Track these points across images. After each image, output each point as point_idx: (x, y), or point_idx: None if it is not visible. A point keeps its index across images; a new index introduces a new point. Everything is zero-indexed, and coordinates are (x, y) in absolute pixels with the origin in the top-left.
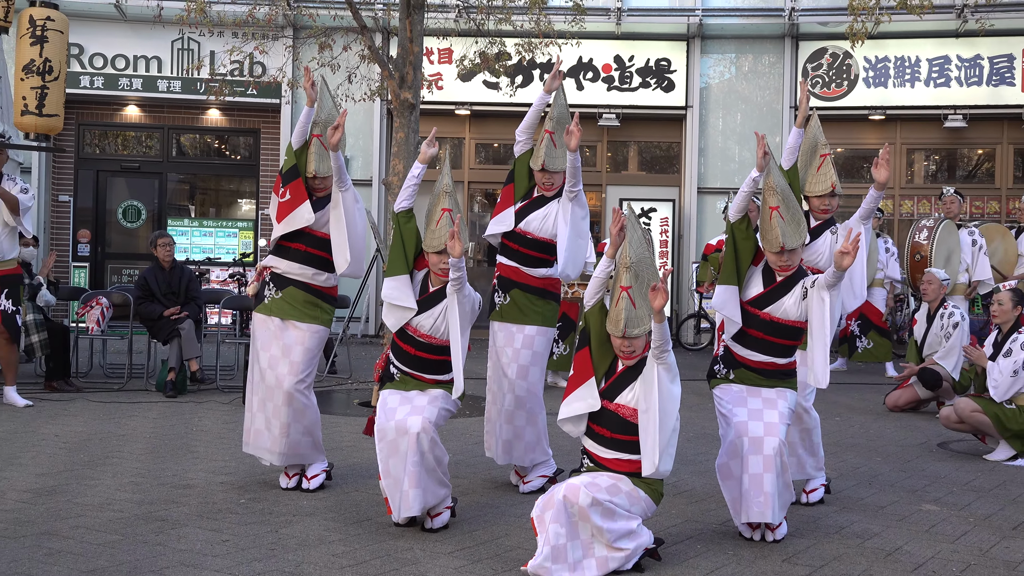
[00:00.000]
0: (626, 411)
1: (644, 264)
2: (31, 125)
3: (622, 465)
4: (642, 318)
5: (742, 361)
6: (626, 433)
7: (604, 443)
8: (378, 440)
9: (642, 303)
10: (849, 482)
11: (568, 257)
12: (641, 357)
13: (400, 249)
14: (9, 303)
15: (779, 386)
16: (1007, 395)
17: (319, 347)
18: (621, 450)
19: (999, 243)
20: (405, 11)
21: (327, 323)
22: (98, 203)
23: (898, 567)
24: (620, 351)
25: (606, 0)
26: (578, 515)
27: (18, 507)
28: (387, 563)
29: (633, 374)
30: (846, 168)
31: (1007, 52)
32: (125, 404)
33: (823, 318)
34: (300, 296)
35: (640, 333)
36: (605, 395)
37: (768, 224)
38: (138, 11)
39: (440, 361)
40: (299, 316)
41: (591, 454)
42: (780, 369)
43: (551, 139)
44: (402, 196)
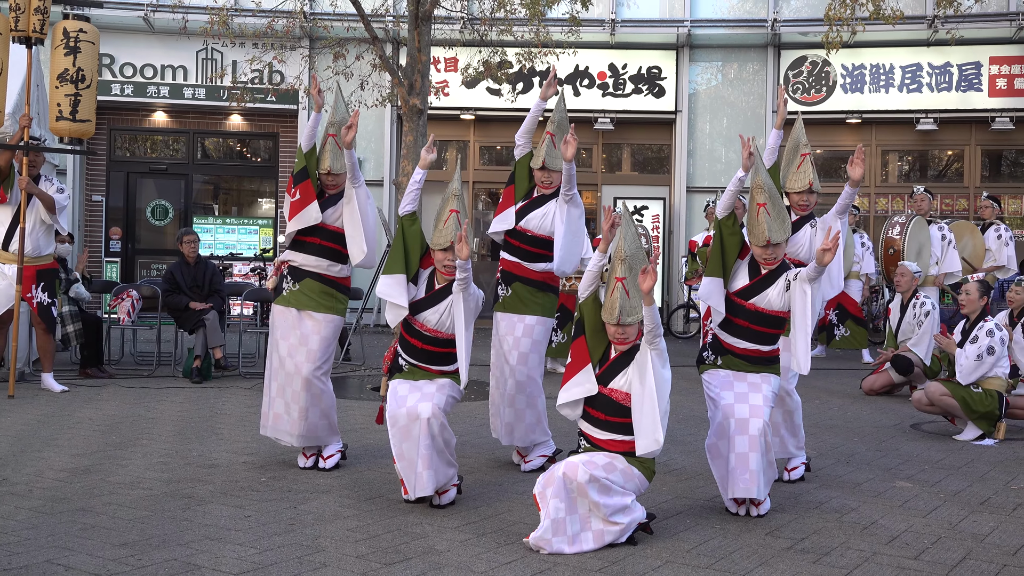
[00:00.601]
0: (619, 395)
1: (637, 258)
2: (65, 130)
3: (617, 445)
4: (635, 307)
5: (729, 348)
6: (620, 416)
7: (599, 425)
8: (391, 426)
9: (635, 293)
10: (828, 461)
11: (563, 254)
12: (633, 344)
13: (401, 250)
14: (45, 296)
15: (763, 371)
16: (971, 378)
17: (334, 335)
18: (615, 431)
19: (968, 239)
20: (414, 23)
21: (342, 312)
22: (128, 202)
23: (874, 540)
24: (614, 338)
25: (601, 12)
26: (576, 491)
27: (55, 485)
28: (398, 537)
29: (626, 360)
30: (824, 168)
31: (975, 60)
32: (154, 390)
33: (805, 309)
34: (316, 287)
35: (633, 321)
36: (600, 380)
37: (755, 220)
38: (165, 24)
39: (445, 354)
40: (315, 306)
41: (587, 436)
42: (764, 356)
43: (551, 140)
44: (406, 200)
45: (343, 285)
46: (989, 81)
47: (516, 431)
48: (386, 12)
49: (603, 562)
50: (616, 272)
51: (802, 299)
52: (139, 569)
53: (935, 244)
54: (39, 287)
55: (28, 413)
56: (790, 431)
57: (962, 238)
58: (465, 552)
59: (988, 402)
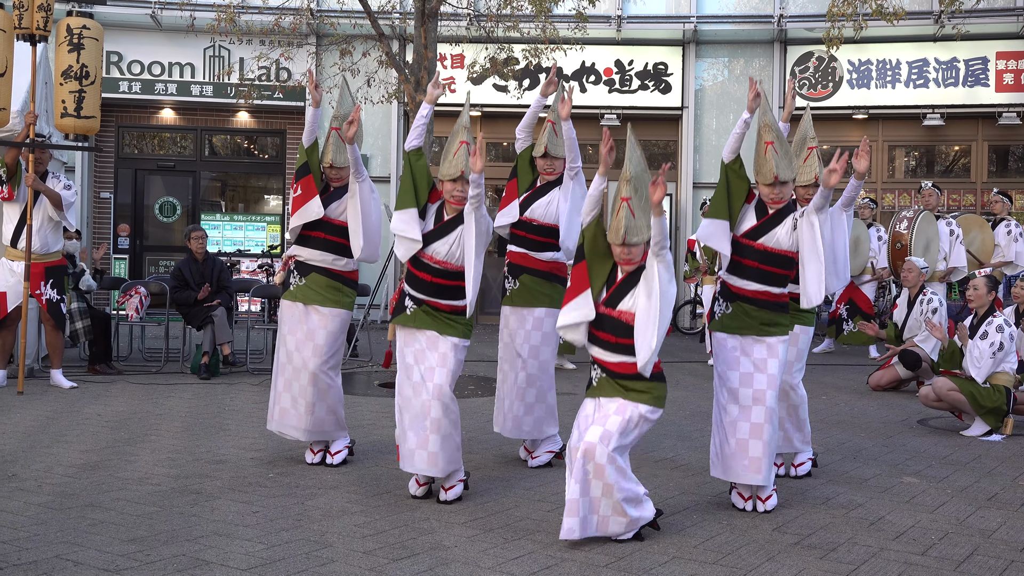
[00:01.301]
0: (627, 316)
1: (642, 180)
2: (70, 126)
3: (627, 367)
4: (641, 227)
5: (738, 292)
6: (629, 337)
7: (609, 348)
8: (397, 393)
9: (641, 214)
10: (835, 456)
11: (567, 232)
12: (639, 265)
13: (410, 184)
14: (54, 292)
15: (773, 332)
16: (988, 375)
17: (341, 330)
18: (625, 353)
19: (977, 233)
20: (420, 20)
21: (348, 306)
22: (136, 199)
23: (881, 535)
24: (620, 259)
25: (607, 8)
26: (593, 472)
27: (64, 481)
28: (405, 532)
29: (633, 281)
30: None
31: (981, 55)
32: (162, 386)
33: (814, 240)
34: (322, 281)
35: (638, 241)
36: (608, 304)
37: (763, 158)
38: (173, 21)
39: (455, 287)
40: (321, 300)
41: (598, 360)
42: (774, 300)
43: (552, 128)
44: (412, 135)
45: (350, 279)
46: (996, 76)
47: (524, 424)
48: (393, 9)
49: (610, 557)
50: (621, 192)
51: (810, 231)
52: (147, 564)
53: (943, 239)
54: (48, 284)
55: (37, 409)
56: (795, 426)
57: (970, 232)
58: (472, 547)
59: (996, 397)
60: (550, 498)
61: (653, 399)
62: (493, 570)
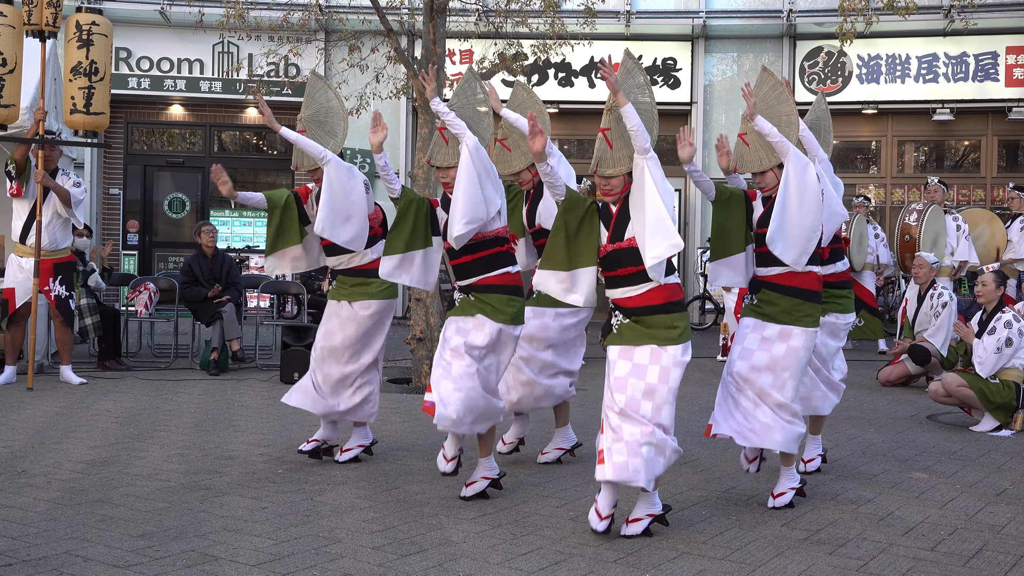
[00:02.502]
0: (635, 242)
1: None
2: (80, 123)
3: (651, 296)
4: (620, 159)
5: (762, 280)
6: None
7: (628, 282)
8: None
9: (620, 144)
10: (844, 452)
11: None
12: (625, 192)
13: (402, 228)
14: (63, 288)
15: (798, 320)
16: (992, 371)
17: (375, 321)
18: (647, 280)
19: (985, 227)
20: (429, 15)
21: (380, 295)
22: (146, 195)
23: (890, 531)
24: (601, 189)
25: (616, 3)
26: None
27: (74, 477)
28: (414, 528)
29: (628, 210)
30: (840, 159)
31: (991, 50)
32: (171, 382)
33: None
34: (348, 280)
35: (615, 173)
36: (613, 239)
37: (745, 150)
38: (181, 17)
39: (486, 258)
40: (350, 296)
41: (618, 303)
42: (799, 287)
43: (502, 145)
44: (388, 184)
45: (374, 269)
46: (1006, 71)
47: (544, 400)
48: (401, 4)
49: (619, 553)
50: (602, 122)
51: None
52: (157, 560)
53: (950, 234)
54: (56, 280)
55: (47, 405)
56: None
57: (978, 226)
58: (481, 543)
59: (1005, 393)
60: (559, 494)
61: (680, 335)
62: (502, 565)
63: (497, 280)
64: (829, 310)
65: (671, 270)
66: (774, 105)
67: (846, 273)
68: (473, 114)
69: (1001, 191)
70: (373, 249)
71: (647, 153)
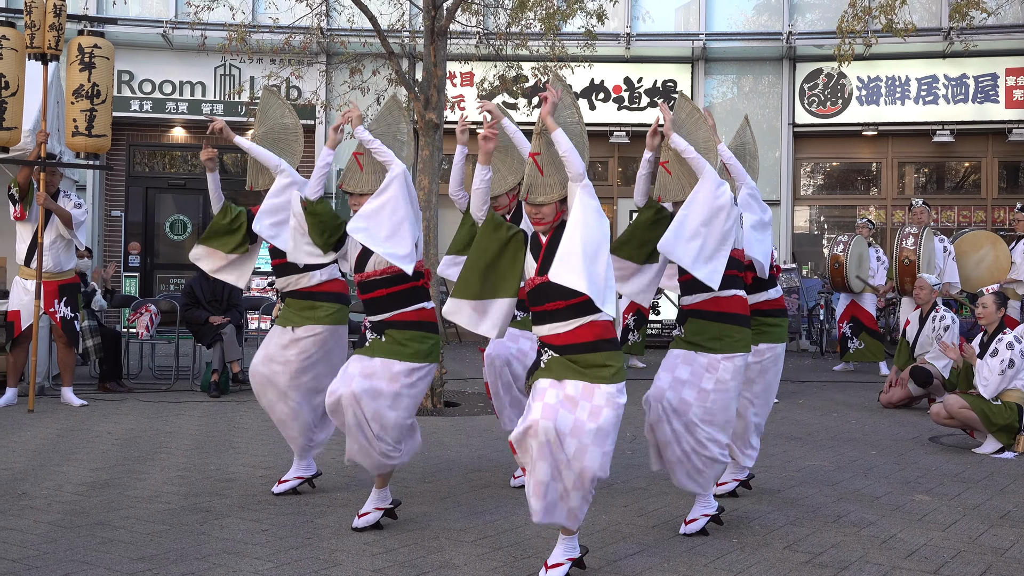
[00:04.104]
0: None
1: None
2: (81, 145)
3: (580, 334)
4: (550, 186)
5: (688, 309)
6: (573, 297)
7: (555, 318)
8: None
9: (552, 171)
10: (846, 474)
11: None
12: (557, 221)
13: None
14: (68, 310)
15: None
16: (996, 392)
17: (318, 347)
18: (577, 315)
19: (988, 249)
20: (429, 38)
21: (327, 320)
22: (147, 217)
23: (892, 554)
24: (532, 218)
25: (616, 26)
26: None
27: (74, 499)
28: (414, 551)
29: (558, 239)
30: (840, 180)
31: (991, 71)
32: (172, 404)
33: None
34: (295, 304)
35: (546, 200)
36: (542, 271)
37: (667, 178)
38: (184, 40)
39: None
40: (297, 321)
41: (546, 340)
42: (725, 312)
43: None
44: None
45: (322, 292)
46: (1006, 92)
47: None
48: (402, 27)
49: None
50: (532, 146)
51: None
52: None
53: (938, 255)
54: (61, 302)
55: (47, 427)
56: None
57: (982, 248)
58: (481, 566)
59: (1007, 415)
60: None
61: (613, 374)
62: None
63: (412, 316)
64: (758, 340)
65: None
66: (692, 131)
67: (779, 301)
68: (393, 143)
69: (1002, 212)
70: (323, 271)
71: (581, 180)
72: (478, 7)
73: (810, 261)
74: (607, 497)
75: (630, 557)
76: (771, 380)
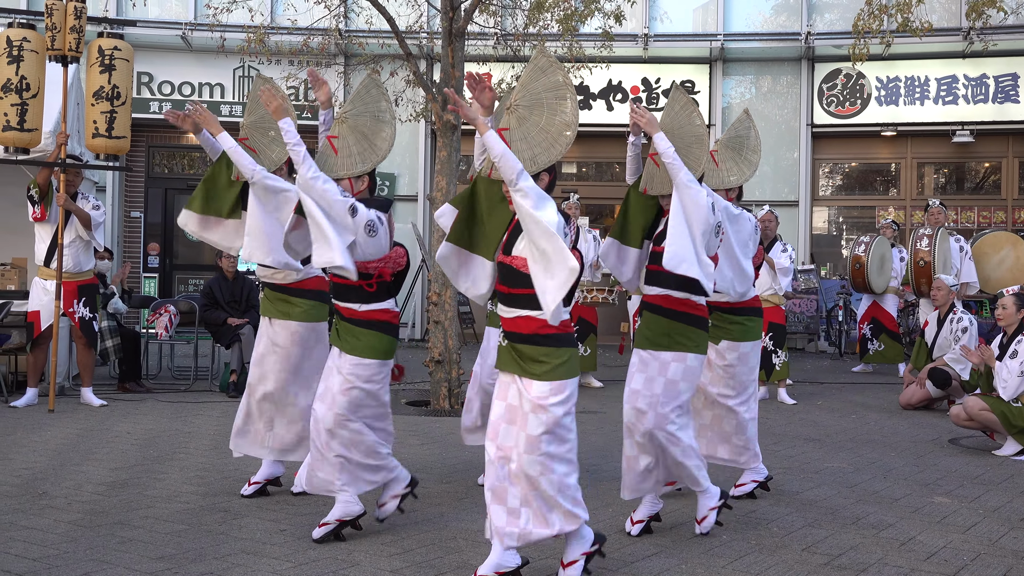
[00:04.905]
0: (518, 262)
1: (539, 106)
2: (101, 146)
3: (524, 324)
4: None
5: (646, 301)
6: (522, 286)
7: (506, 301)
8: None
9: (521, 148)
10: (865, 475)
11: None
12: None
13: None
14: (87, 311)
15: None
16: (1015, 394)
17: (295, 343)
18: (521, 306)
19: (1009, 250)
20: (447, 39)
21: (301, 317)
22: (166, 218)
23: (912, 556)
24: (505, 194)
25: (634, 27)
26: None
27: (94, 499)
28: (432, 551)
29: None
30: (860, 181)
31: (1011, 71)
32: (191, 404)
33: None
34: (271, 295)
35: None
36: (505, 250)
37: (655, 170)
38: (203, 42)
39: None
40: (273, 312)
41: (502, 320)
42: (677, 310)
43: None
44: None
45: (297, 289)
46: None
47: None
48: (420, 29)
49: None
50: (500, 122)
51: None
52: None
53: (954, 256)
54: (81, 302)
55: (67, 427)
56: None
57: (1002, 249)
58: None
59: None
60: None
61: (546, 371)
62: None
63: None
64: (721, 337)
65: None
66: (685, 124)
67: (754, 300)
68: (371, 123)
69: (1022, 213)
70: (306, 269)
71: (514, 185)
72: (496, 8)
73: (828, 262)
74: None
75: (648, 559)
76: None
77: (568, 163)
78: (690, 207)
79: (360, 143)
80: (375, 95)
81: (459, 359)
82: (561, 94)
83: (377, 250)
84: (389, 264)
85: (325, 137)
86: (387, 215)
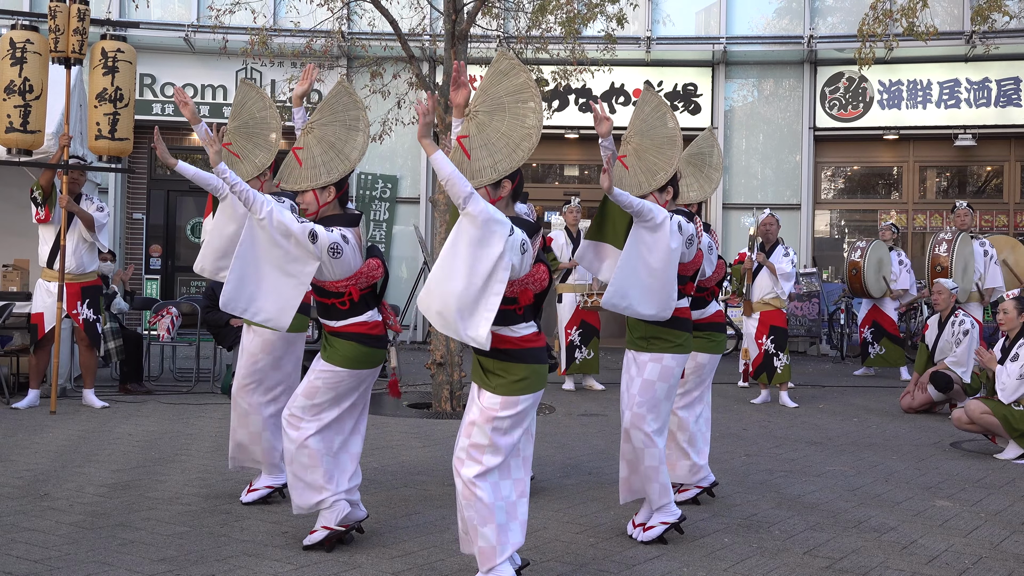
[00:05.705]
0: None
1: (500, 111)
2: (104, 148)
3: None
4: (478, 171)
5: None
6: None
7: None
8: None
9: (481, 155)
10: (867, 479)
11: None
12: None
13: None
14: (90, 312)
15: (649, 345)
16: (1014, 397)
17: (266, 351)
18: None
19: (1008, 253)
20: (450, 42)
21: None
22: (169, 220)
23: (913, 560)
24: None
25: (636, 30)
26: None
27: (95, 500)
28: (434, 554)
29: None
30: (862, 184)
31: (1014, 75)
32: (193, 406)
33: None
34: None
35: (475, 185)
36: None
37: (624, 172)
38: (205, 44)
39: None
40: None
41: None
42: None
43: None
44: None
45: None
46: None
47: None
48: (423, 31)
49: None
50: (461, 130)
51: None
52: None
53: (977, 260)
54: (84, 304)
55: (69, 429)
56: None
57: (1001, 252)
58: None
59: None
60: (579, 520)
61: (497, 386)
62: None
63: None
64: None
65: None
66: (658, 126)
67: (717, 315)
68: (341, 132)
69: None
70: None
71: (463, 209)
72: (499, 11)
73: (831, 265)
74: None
75: (649, 561)
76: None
77: (570, 166)
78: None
79: (326, 153)
80: (346, 103)
81: (460, 361)
82: (524, 97)
83: (344, 270)
84: (360, 280)
85: (291, 149)
86: (355, 230)
